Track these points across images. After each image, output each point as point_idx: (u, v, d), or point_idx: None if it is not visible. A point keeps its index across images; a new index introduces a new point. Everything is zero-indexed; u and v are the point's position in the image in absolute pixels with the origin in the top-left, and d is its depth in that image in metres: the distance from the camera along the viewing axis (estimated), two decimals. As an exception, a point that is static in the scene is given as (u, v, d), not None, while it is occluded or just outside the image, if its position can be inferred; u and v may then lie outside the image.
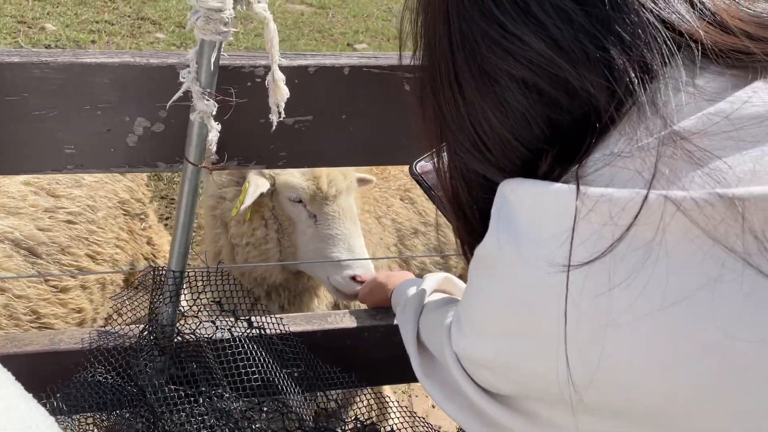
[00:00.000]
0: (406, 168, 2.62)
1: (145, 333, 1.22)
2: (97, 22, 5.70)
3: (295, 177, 1.76)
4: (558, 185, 0.61)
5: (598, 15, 0.62)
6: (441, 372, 0.92)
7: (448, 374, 0.82)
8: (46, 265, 1.68)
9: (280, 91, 1.01)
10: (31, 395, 0.59)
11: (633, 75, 0.61)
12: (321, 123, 1.12)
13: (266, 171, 1.78)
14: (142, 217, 2.08)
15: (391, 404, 1.52)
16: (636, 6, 0.62)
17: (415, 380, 1.50)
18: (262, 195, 1.80)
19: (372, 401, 1.51)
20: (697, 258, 0.53)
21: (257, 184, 1.74)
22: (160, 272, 1.17)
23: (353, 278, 1.74)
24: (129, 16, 5.95)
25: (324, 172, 1.77)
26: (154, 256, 2.24)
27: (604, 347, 0.55)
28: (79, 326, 1.87)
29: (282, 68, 1.02)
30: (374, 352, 1.44)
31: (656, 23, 0.62)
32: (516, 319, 0.62)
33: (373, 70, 1.09)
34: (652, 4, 0.63)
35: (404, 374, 1.50)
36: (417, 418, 1.35)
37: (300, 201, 1.80)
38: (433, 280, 1.18)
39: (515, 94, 0.66)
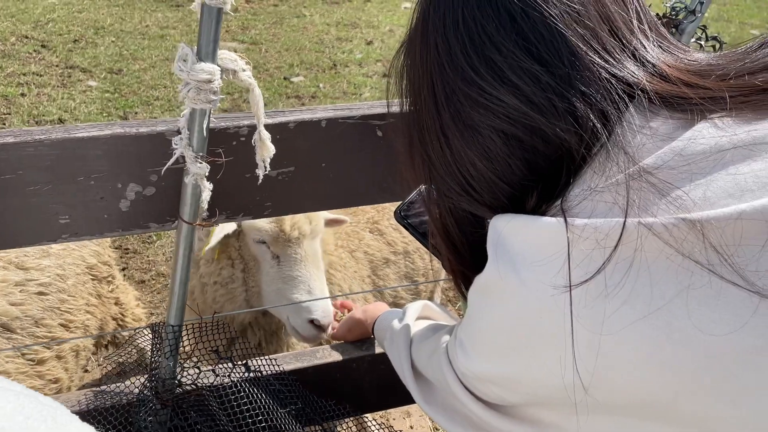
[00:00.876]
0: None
1: (146, 388, 1.25)
2: (24, 74, 5.58)
3: (260, 219, 1.81)
4: (547, 218, 0.71)
5: (561, 74, 0.74)
6: (441, 396, 1.00)
7: (451, 397, 0.91)
8: (21, 339, 1.68)
9: (267, 149, 1.09)
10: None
11: (595, 121, 0.73)
12: (303, 172, 1.19)
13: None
14: (109, 279, 2.09)
15: (370, 424, 1.58)
16: (591, 65, 0.74)
17: (404, 404, 1.57)
18: (228, 236, 1.85)
19: (352, 425, 1.57)
20: (672, 270, 0.63)
21: (223, 225, 1.79)
22: (159, 329, 1.21)
23: (311, 322, 1.79)
24: (57, 66, 5.86)
25: (288, 215, 1.83)
26: (122, 315, 2.24)
27: (603, 352, 0.65)
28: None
29: (265, 126, 1.10)
30: (362, 381, 1.51)
31: (609, 78, 0.74)
32: (523, 336, 0.72)
33: (348, 120, 1.17)
34: (605, 63, 0.75)
35: (392, 399, 1.58)
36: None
37: (264, 242, 1.86)
38: (414, 309, 1.26)
39: (497, 143, 0.77)
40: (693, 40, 1.20)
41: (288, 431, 1.25)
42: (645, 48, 0.77)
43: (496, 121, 0.76)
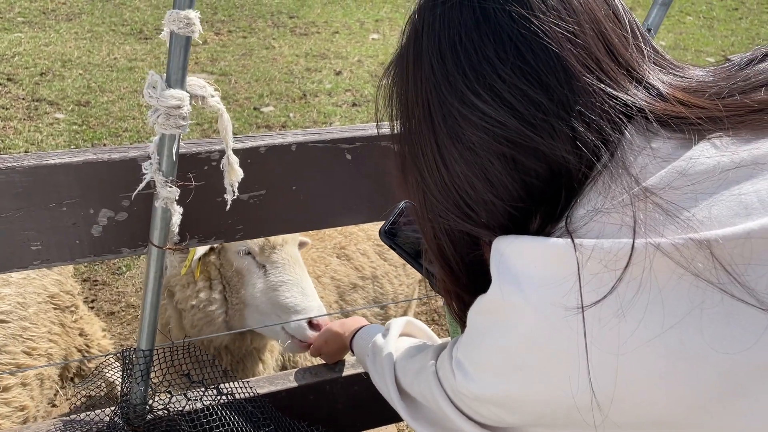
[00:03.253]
0: (340, 227, 2.73)
1: (117, 416, 1.24)
2: (-11, 108, 5.52)
3: None
4: (554, 239, 0.71)
5: (559, 96, 0.74)
6: (429, 414, 1.00)
7: (441, 414, 0.92)
8: (-15, 366, 1.65)
9: (235, 173, 1.11)
10: None
11: (595, 142, 0.74)
12: (274, 196, 1.22)
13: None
14: (72, 309, 2.07)
15: None
16: (588, 87, 0.75)
17: (379, 424, 1.58)
18: (207, 255, 1.86)
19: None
20: (684, 290, 0.65)
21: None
22: (130, 353, 1.21)
23: (309, 323, 1.80)
24: (23, 99, 5.80)
25: None
26: (88, 346, 2.21)
27: (617, 371, 0.66)
28: (24, 424, 1.83)
29: (235, 150, 1.12)
30: (337, 403, 1.52)
31: (607, 99, 0.75)
32: (530, 356, 0.72)
33: (318, 144, 1.21)
34: (602, 84, 0.75)
35: (367, 420, 1.59)
36: None
37: (249, 253, 1.87)
38: (397, 325, 1.26)
39: (495, 165, 0.77)
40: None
41: (262, 454, 1.26)
42: (641, 66, 0.78)
43: (495, 144, 0.76)
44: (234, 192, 1.12)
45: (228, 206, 1.14)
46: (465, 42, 0.76)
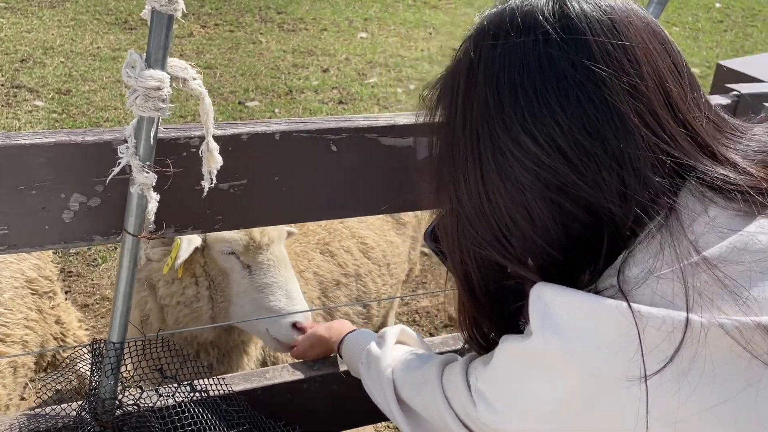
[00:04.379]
0: (324, 222, 2.69)
1: (84, 410, 1.19)
2: (-33, 93, 5.40)
3: (227, 230, 1.77)
4: (609, 301, 0.70)
5: (614, 151, 0.74)
6: (431, 429, 1.02)
7: (447, 431, 0.94)
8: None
9: (214, 160, 1.07)
10: None
11: (647, 199, 0.73)
12: (255, 186, 1.17)
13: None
14: (51, 295, 2.01)
15: None
16: (645, 143, 0.74)
17: (357, 425, 1.54)
18: (192, 253, 1.81)
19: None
20: (740, 367, 0.66)
21: (190, 239, 1.74)
22: (100, 345, 1.16)
23: (294, 325, 1.75)
24: (2, 85, 5.68)
25: None
26: (64, 335, 2.15)
27: None
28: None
29: (216, 137, 1.08)
30: (314, 402, 1.48)
31: (664, 158, 0.74)
32: (572, 410, 0.73)
33: (303, 134, 1.16)
34: (659, 140, 0.75)
35: (345, 421, 1.55)
36: None
37: (233, 253, 1.81)
38: (393, 334, 1.23)
39: (540, 206, 0.76)
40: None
41: (235, 453, 1.21)
42: (698, 123, 0.78)
43: (543, 187, 0.75)
44: (212, 180, 1.08)
45: (204, 194, 1.09)
46: (526, 85, 0.75)
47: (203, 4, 8.20)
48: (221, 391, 1.33)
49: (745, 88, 1.50)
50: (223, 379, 1.36)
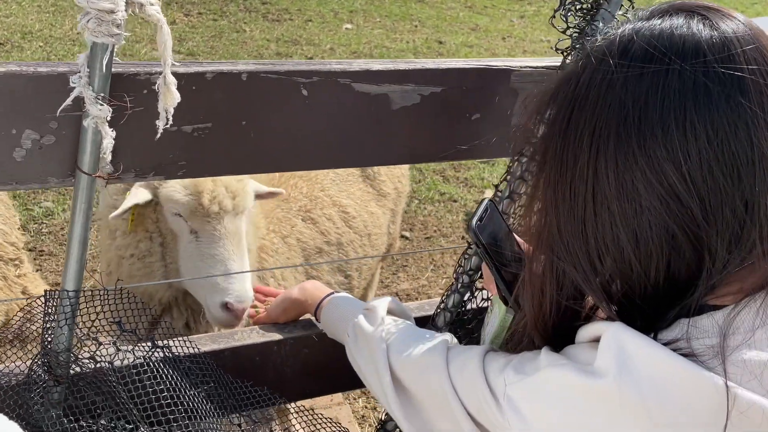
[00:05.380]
0: (306, 188, 2.64)
1: (37, 364, 1.13)
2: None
3: (176, 191, 1.70)
4: (706, 375, 0.69)
5: (745, 193, 0.72)
6: (426, 416, 1.00)
7: (448, 418, 0.94)
8: None
9: (171, 96, 1.01)
10: None
11: (763, 254, 0.73)
12: (221, 130, 1.12)
13: (153, 182, 1.72)
14: (17, 263, 1.94)
15: (289, 406, 1.48)
16: None
17: (329, 392, 1.49)
18: (143, 206, 1.74)
19: (272, 410, 1.48)
20: None
21: (136, 194, 1.68)
22: (54, 295, 1.10)
23: (225, 306, 1.68)
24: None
25: (208, 187, 1.71)
26: (30, 306, 2.07)
27: None
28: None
29: (179, 75, 1.03)
30: (284, 366, 1.43)
31: None
32: None
33: (271, 75, 1.11)
34: None
35: (316, 387, 1.50)
36: (316, 415, 1.35)
37: (180, 215, 1.74)
38: (383, 307, 1.18)
39: (654, 233, 0.75)
40: (620, 12, 1.20)
41: (198, 412, 1.16)
42: None
43: (666, 217, 0.74)
44: (168, 119, 1.01)
45: (159, 134, 1.03)
46: (677, 111, 0.73)
47: (187, -7, 8.11)
48: (186, 351, 1.27)
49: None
50: (188, 339, 1.30)
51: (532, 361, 0.86)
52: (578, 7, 1.16)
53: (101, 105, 0.95)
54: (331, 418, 1.39)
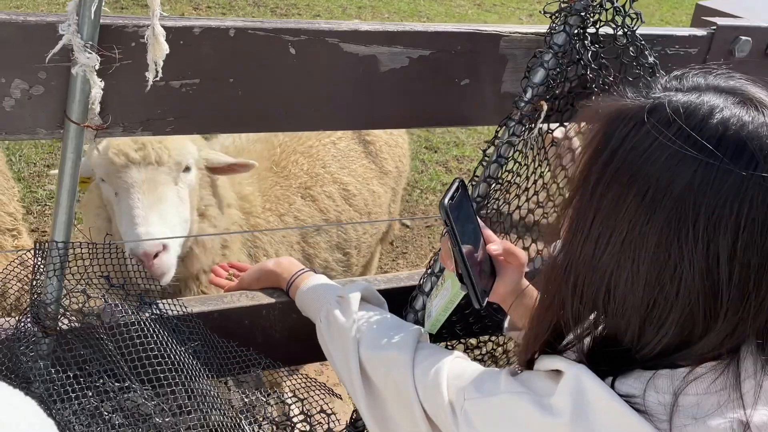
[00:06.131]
0: (306, 165, 2.64)
1: (26, 317, 1.15)
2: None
3: (94, 155, 1.68)
4: (649, 428, 0.73)
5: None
6: (388, 411, 1.06)
7: (407, 416, 1.02)
8: None
9: (160, 47, 1.02)
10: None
11: (741, 332, 0.76)
12: (208, 87, 1.13)
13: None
14: (14, 233, 1.96)
15: (282, 371, 1.49)
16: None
17: (318, 359, 1.50)
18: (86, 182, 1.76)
19: (262, 376, 1.49)
20: None
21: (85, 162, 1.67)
22: (43, 247, 1.12)
23: (132, 258, 1.60)
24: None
25: (115, 143, 1.69)
26: (27, 277, 2.10)
27: None
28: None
29: (166, 29, 1.04)
30: (273, 330, 1.44)
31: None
32: None
33: (259, 32, 1.12)
34: None
35: (301, 352, 1.50)
36: (310, 380, 1.36)
37: (104, 180, 1.74)
38: (356, 298, 1.20)
39: (677, 302, 0.77)
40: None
41: (185, 367, 1.17)
42: None
43: (694, 291, 0.76)
44: (157, 71, 1.03)
45: (148, 87, 1.04)
46: (746, 219, 0.73)
47: (196, -13, 8.15)
48: (175, 312, 1.29)
49: (722, 21, 1.47)
50: (178, 300, 1.31)
51: (493, 381, 0.90)
52: (566, -31, 1.16)
53: (90, 53, 0.97)
54: (323, 383, 1.40)
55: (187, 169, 1.81)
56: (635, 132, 0.78)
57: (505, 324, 1.21)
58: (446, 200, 1.00)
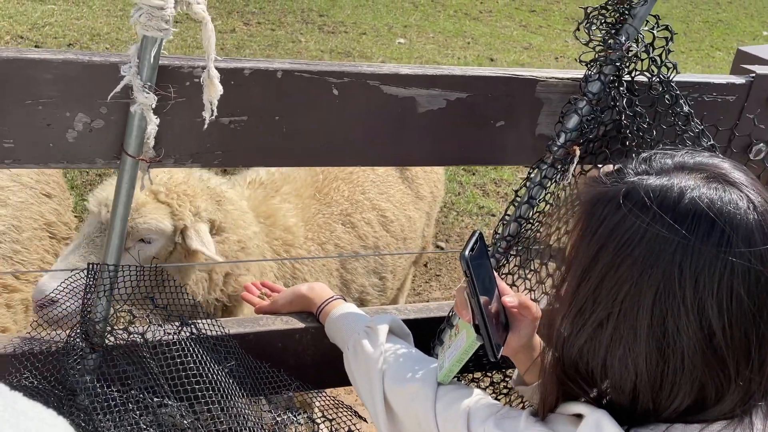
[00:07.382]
0: (347, 191, 2.70)
1: (76, 332, 1.22)
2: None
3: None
4: None
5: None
6: None
7: None
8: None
9: (214, 89, 1.09)
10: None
11: (749, 392, 0.81)
12: (255, 123, 1.20)
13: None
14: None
15: (312, 393, 1.54)
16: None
17: (345, 385, 1.54)
18: None
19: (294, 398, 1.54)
20: None
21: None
22: (95, 268, 1.19)
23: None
24: (48, 67, 5.88)
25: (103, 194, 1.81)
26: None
27: None
28: None
29: (219, 70, 1.11)
30: (305, 354, 1.49)
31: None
32: None
33: (305, 74, 1.19)
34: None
35: (333, 377, 1.55)
36: (338, 401, 1.40)
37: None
38: (384, 330, 1.25)
39: (675, 363, 0.81)
40: (645, 28, 1.23)
41: (222, 387, 1.23)
42: None
43: (691, 363, 0.80)
44: (213, 110, 1.10)
45: (206, 125, 1.12)
46: (726, 291, 0.78)
47: (248, 3, 8.37)
48: (213, 332, 1.35)
49: (761, 69, 1.48)
50: (216, 321, 1.38)
51: (513, 421, 0.94)
52: (602, 20, 1.20)
53: (148, 93, 1.04)
54: (350, 405, 1.44)
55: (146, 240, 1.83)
56: (615, 215, 0.84)
57: (513, 376, 1.23)
58: (467, 252, 1.03)
